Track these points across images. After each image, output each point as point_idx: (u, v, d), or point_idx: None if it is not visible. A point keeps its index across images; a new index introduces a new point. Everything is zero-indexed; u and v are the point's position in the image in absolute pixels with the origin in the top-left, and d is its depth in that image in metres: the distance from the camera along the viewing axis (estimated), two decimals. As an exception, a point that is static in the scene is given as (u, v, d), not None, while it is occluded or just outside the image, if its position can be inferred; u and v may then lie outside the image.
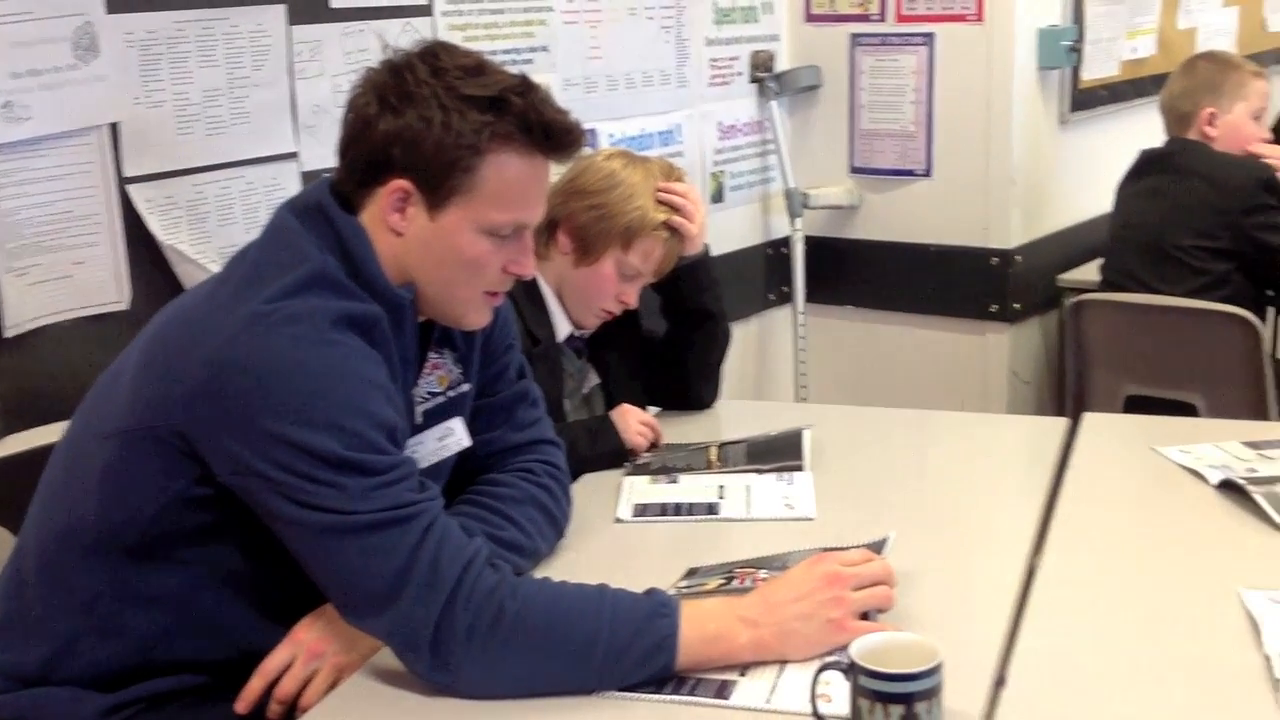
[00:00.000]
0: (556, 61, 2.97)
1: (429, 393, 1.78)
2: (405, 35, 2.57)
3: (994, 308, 3.66)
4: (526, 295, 2.31)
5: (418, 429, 1.76)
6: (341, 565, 1.52)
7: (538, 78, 1.70)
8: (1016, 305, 3.66)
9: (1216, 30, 4.35)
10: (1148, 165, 3.50)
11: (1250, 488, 2.02)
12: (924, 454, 2.40)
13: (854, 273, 3.83)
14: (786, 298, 3.80)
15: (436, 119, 1.58)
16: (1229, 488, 2.05)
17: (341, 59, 2.51)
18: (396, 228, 1.63)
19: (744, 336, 3.75)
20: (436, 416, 1.79)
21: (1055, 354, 3.80)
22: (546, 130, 1.62)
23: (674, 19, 3.27)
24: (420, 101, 1.59)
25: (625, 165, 2.35)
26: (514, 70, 1.67)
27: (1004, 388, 3.72)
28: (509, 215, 1.65)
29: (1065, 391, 3.65)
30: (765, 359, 3.86)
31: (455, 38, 2.69)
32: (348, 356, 1.55)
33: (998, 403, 3.72)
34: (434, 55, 1.63)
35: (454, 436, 1.80)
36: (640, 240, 2.32)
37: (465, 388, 1.84)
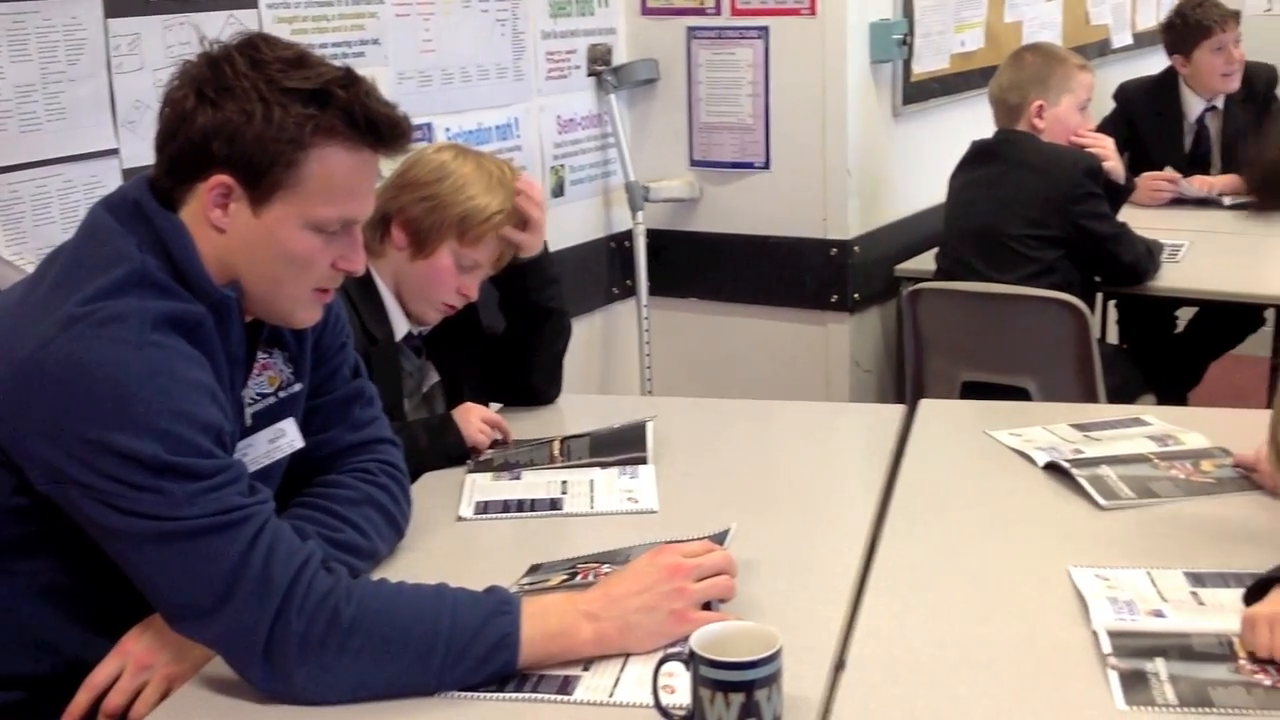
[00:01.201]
0: (389, 55, 2.92)
1: (259, 394, 1.73)
2: (230, 28, 2.50)
3: (834, 298, 3.70)
4: (362, 293, 2.27)
5: (248, 431, 1.71)
6: (168, 573, 1.48)
7: (369, 72, 1.67)
8: (856, 295, 3.71)
9: (1042, 23, 4.47)
10: (978, 156, 3.58)
11: (1073, 470, 2.08)
12: (766, 444, 2.42)
13: (696, 265, 3.85)
14: (630, 291, 3.80)
15: (257, 112, 1.54)
16: (1054, 469, 2.11)
17: (163, 53, 2.44)
18: (218, 224, 1.59)
19: (588, 330, 3.74)
20: (267, 418, 1.74)
21: (895, 342, 3.87)
22: (372, 124, 1.59)
23: (509, 12, 3.24)
24: (240, 95, 1.55)
25: (456, 157, 2.33)
26: (344, 64, 1.64)
27: (846, 377, 3.77)
28: (336, 210, 1.61)
29: (905, 379, 3.72)
30: (610, 353, 3.86)
31: (282, 31, 2.63)
32: (169, 358, 1.51)
33: (840, 392, 3.77)
34: (254, 47, 1.59)
35: (286, 438, 1.76)
36: (475, 230, 2.30)
37: (297, 388, 1.79)
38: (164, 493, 1.45)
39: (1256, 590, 1.61)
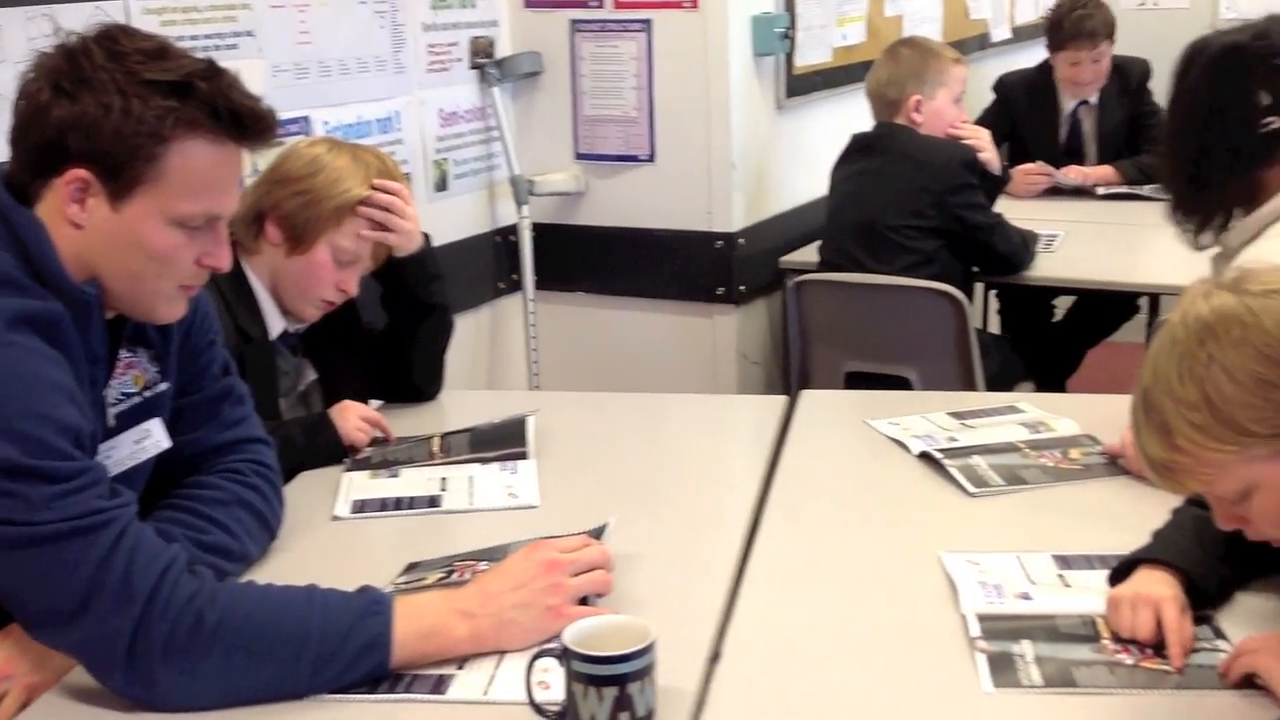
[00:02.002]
0: (263, 47, 2.86)
1: (123, 394, 1.69)
2: (96, 20, 2.43)
3: (720, 290, 3.72)
4: (236, 290, 2.23)
5: (111, 432, 1.67)
6: (25, 579, 1.44)
7: (243, 64, 1.65)
8: (742, 287, 3.73)
9: (923, 18, 4.53)
10: (859, 148, 3.62)
11: (943, 459, 2.11)
12: (649, 437, 2.42)
13: (583, 259, 3.84)
14: (516, 285, 3.78)
15: (116, 105, 1.51)
16: (926, 457, 2.14)
17: (25, 45, 2.36)
18: (76, 220, 1.55)
19: (474, 326, 3.72)
20: (132, 418, 1.70)
21: (781, 334, 3.89)
22: (236, 116, 1.56)
23: (388, 3, 3.20)
24: (98, 87, 1.51)
25: (329, 150, 2.30)
26: (212, 57, 1.60)
27: (733, 369, 3.79)
28: (199, 205, 1.58)
29: (791, 370, 3.75)
30: (497, 348, 3.84)
31: (150, 23, 2.57)
32: (25, 358, 1.46)
33: (728, 384, 3.79)
34: (112, 39, 1.55)
35: (151, 438, 1.72)
36: (352, 222, 2.27)
37: (163, 387, 1.75)
38: (20, 497, 1.41)
39: (1121, 571, 1.65)
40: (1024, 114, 4.64)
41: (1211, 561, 1.62)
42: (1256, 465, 1.35)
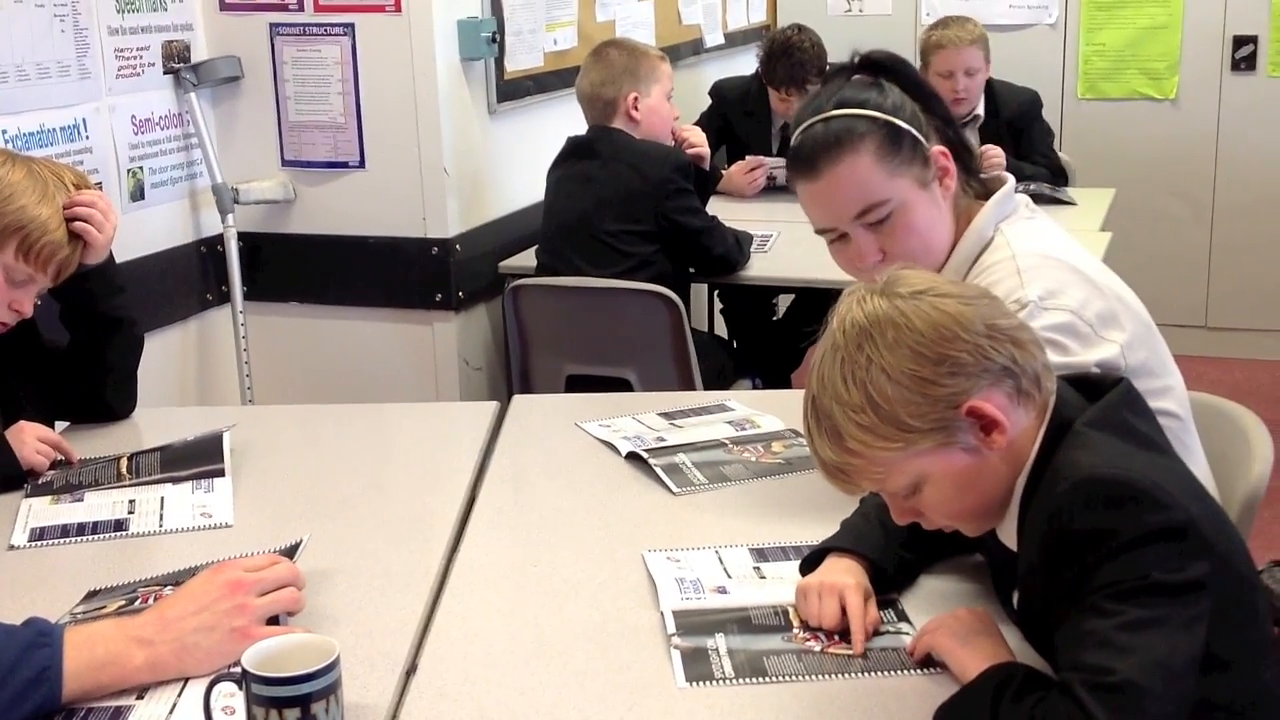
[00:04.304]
0: (-72, 51, 2.69)
1: None
2: None
3: (439, 297, 3.68)
4: (-102, 309, 2.08)
5: None
6: None
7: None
8: (461, 293, 3.69)
9: (634, 23, 4.58)
10: (574, 152, 3.63)
11: (649, 458, 2.13)
12: (357, 448, 2.36)
13: (295, 268, 3.74)
14: (225, 297, 3.65)
15: None
16: (635, 458, 2.15)
17: None
18: None
19: (181, 340, 3.57)
20: None
21: (502, 340, 3.87)
22: None
23: (68, 6, 3.03)
24: None
25: (3, 163, 2.16)
26: None
27: (456, 376, 3.75)
28: None
29: (512, 375, 3.74)
30: (206, 363, 3.70)
31: None
32: None
33: (451, 391, 3.75)
34: None
35: None
36: (35, 247, 2.14)
37: None
38: None
39: (810, 561, 1.69)
40: (739, 120, 4.75)
41: (894, 547, 1.68)
42: (922, 459, 1.40)
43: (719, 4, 5.45)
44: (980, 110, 4.55)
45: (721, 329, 4.88)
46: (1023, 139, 4.54)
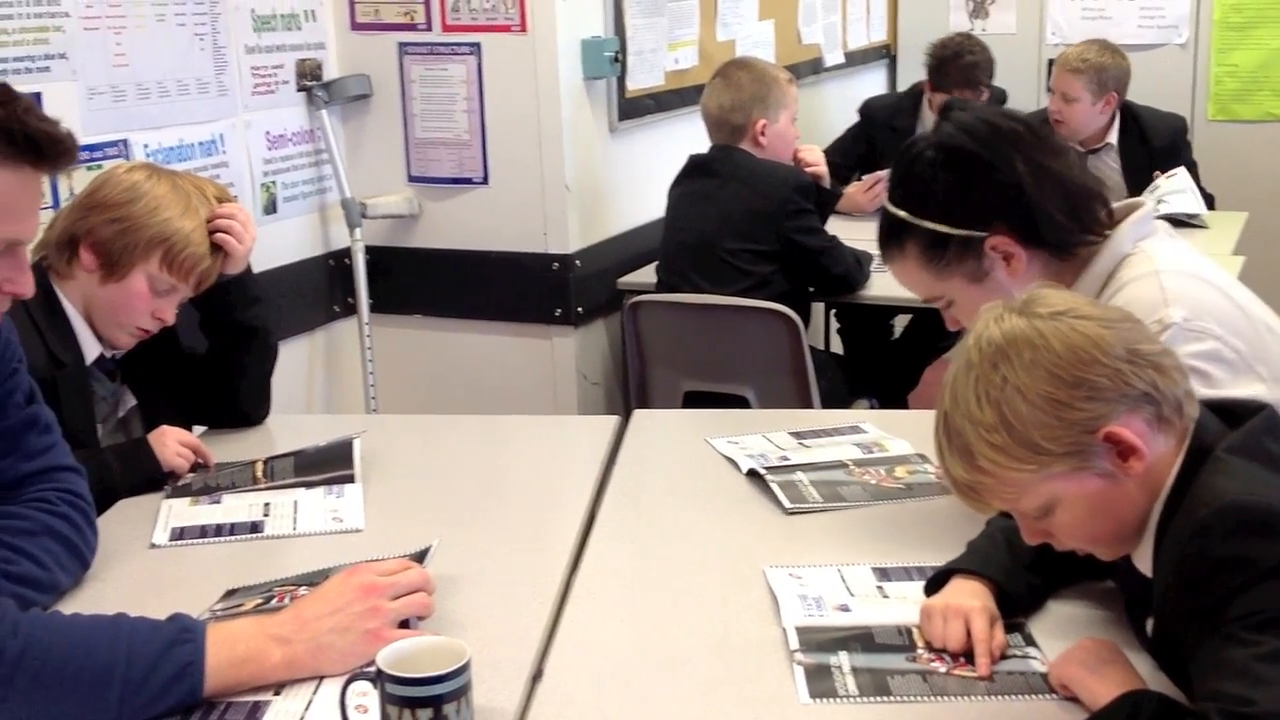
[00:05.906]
0: (77, 69, 2.76)
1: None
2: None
3: (558, 311, 3.72)
4: (48, 316, 2.17)
5: (-92, 465, 1.60)
6: None
7: (55, 87, 1.60)
8: (580, 309, 3.73)
9: (755, 42, 4.59)
10: (695, 170, 3.66)
11: (767, 475, 2.14)
12: (481, 458, 2.40)
13: (419, 281, 3.81)
14: (351, 309, 3.73)
15: None
16: (755, 475, 2.16)
17: None
18: None
19: (309, 350, 3.66)
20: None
21: (620, 354, 3.91)
22: (32, 141, 1.53)
23: (208, 26, 3.14)
24: None
25: (149, 177, 2.25)
26: (27, 80, 1.57)
27: (574, 390, 3.79)
28: (-2, 231, 1.54)
29: (630, 390, 3.77)
30: (333, 372, 3.78)
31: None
32: None
33: (568, 405, 3.79)
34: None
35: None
36: (178, 258, 2.22)
37: (-37, 419, 1.69)
38: None
39: (935, 582, 1.68)
40: (885, 135, 4.73)
41: (1021, 571, 1.66)
42: (1055, 482, 1.39)
43: (839, 24, 5.45)
44: (1113, 139, 4.48)
45: (838, 347, 4.86)
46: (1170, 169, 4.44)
